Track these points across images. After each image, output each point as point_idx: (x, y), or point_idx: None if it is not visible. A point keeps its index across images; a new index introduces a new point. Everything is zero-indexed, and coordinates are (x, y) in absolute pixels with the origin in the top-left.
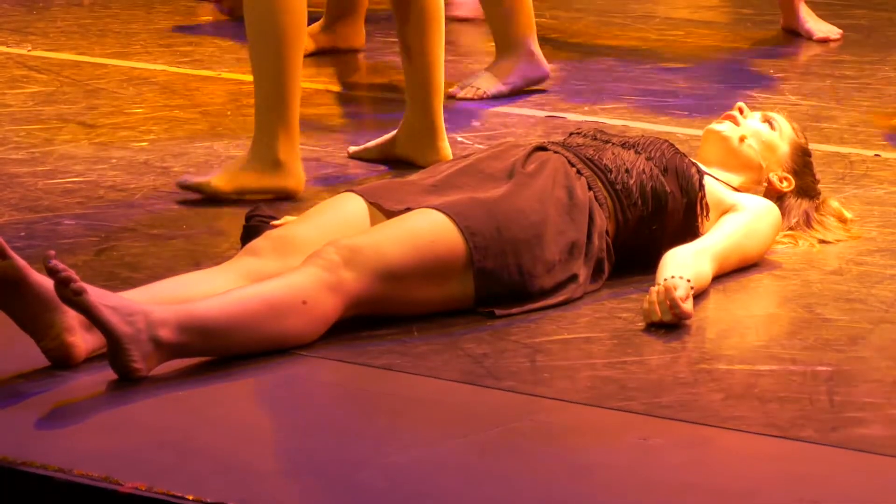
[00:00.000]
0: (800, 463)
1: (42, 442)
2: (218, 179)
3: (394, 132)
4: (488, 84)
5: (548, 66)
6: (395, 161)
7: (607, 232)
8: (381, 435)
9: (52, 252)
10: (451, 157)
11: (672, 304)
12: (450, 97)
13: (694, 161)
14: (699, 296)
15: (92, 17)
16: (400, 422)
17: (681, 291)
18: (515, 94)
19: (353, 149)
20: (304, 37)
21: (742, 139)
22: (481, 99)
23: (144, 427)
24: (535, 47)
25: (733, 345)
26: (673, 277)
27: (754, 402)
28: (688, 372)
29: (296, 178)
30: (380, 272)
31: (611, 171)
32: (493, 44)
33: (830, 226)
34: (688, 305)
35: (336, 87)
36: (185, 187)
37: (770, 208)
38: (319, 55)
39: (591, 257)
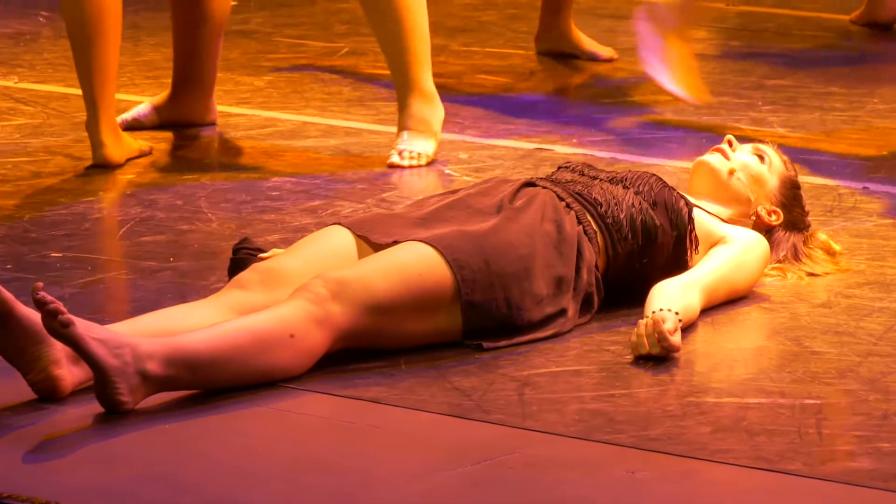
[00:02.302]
0: (788, 496)
1: (28, 475)
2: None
3: (161, 96)
4: (424, 146)
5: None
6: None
7: (597, 266)
8: (370, 468)
9: (40, 284)
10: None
11: (660, 337)
12: (392, 167)
13: (683, 194)
14: (687, 328)
15: None
16: (388, 455)
17: (669, 324)
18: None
19: (123, 117)
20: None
21: (731, 172)
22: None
23: (131, 461)
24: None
25: (722, 377)
26: (661, 310)
27: (743, 434)
28: (676, 405)
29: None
30: (367, 305)
31: (601, 205)
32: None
33: (819, 258)
34: (676, 338)
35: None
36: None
37: (758, 241)
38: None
39: (580, 291)
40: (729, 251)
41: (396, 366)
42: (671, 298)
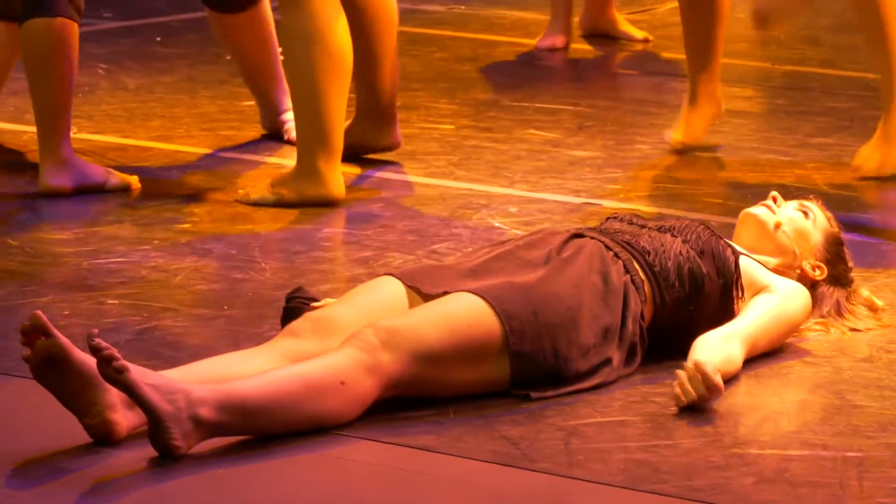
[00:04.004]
0: None
1: None
2: (260, 190)
3: (348, 122)
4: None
5: None
6: (349, 147)
7: (642, 316)
8: None
9: (96, 331)
10: (401, 142)
11: (704, 378)
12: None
13: (729, 243)
14: (730, 380)
15: (137, 102)
16: (436, 502)
17: (709, 367)
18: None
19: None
20: (346, 65)
21: (777, 226)
22: None
23: None
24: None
25: (765, 430)
26: (700, 360)
27: (785, 486)
28: (720, 456)
29: (336, 187)
30: (417, 354)
31: (648, 254)
32: None
33: (861, 314)
34: (718, 379)
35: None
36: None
37: (801, 291)
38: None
39: (625, 341)
40: (771, 301)
41: (445, 414)
42: (713, 350)
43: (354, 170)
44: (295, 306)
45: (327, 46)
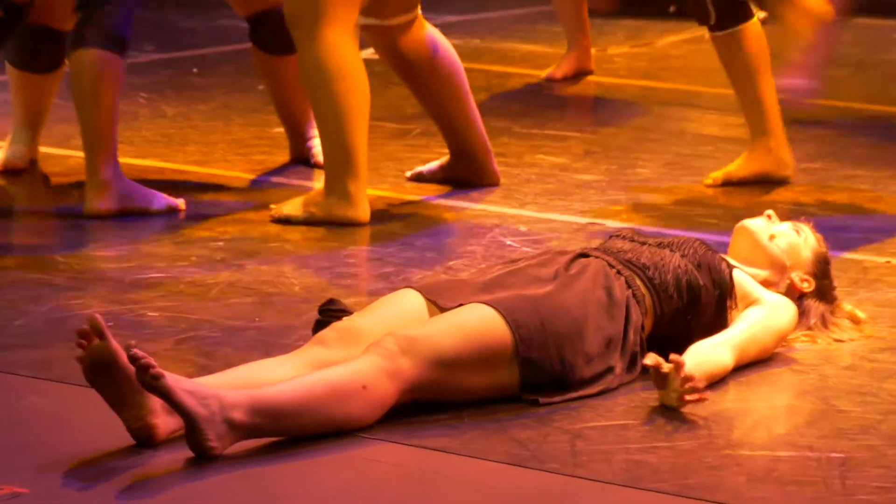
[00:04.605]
0: None
1: None
2: (291, 208)
3: (446, 157)
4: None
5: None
6: (454, 181)
7: (642, 327)
8: None
9: (133, 342)
10: (499, 177)
11: (682, 383)
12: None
13: (724, 256)
14: (722, 387)
15: (175, 128)
16: (452, 500)
17: (686, 367)
18: None
19: (410, 173)
20: (363, 93)
21: (771, 237)
22: None
23: (216, 501)
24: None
25: (755, 433)
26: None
27: (774, 484)
28: (714, 457)
29: (362, 208)
30: (433, 360)
31: (648, 269)
32: None
33: (845, 326)
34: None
35: (409, 196)
36: (276, 221)
37: (788, 305)
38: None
39: (627, 351)
40: (761, 312)
41: (460, 418)
42: (703, 355)
43: (375, 192)
44: (327, 319)
45: (345, 78)
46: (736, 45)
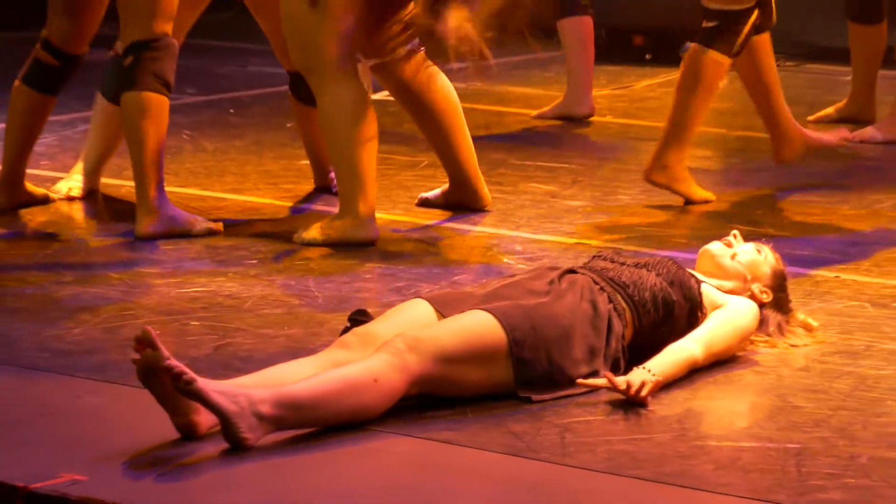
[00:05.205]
0: None
1: (166, 493)
2: (312, 232)
3: (446, 185)
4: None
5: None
6: (454, 205)
7: (623, 336)
8: (444, 497)
9: (167, 354)
10: (490, 200)
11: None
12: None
13: (693, 273)
14: (692, 385)
15: (214, 161)
16: (456, 486)
17: (635, 385)
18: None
19: (420, 197)
20: (371, 132)
21: (733, 256)
22: None
23: (248, 486)
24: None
25: (722, 426)
26: (642, 369)
27: (739, 472)
28: (685, 447)
29: (373, 230)
30: (437, 356)
31: (629, 286)
32: None
33: (799, 333)
34: (644, 392)
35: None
36: (300, 242)
37: (750, 304)
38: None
39: (609, 357)
40: (725, 313)
41: (463, 414)
42: (669, 354)
43: (389, 216)
44: (351, 325)
45: (356, 120)
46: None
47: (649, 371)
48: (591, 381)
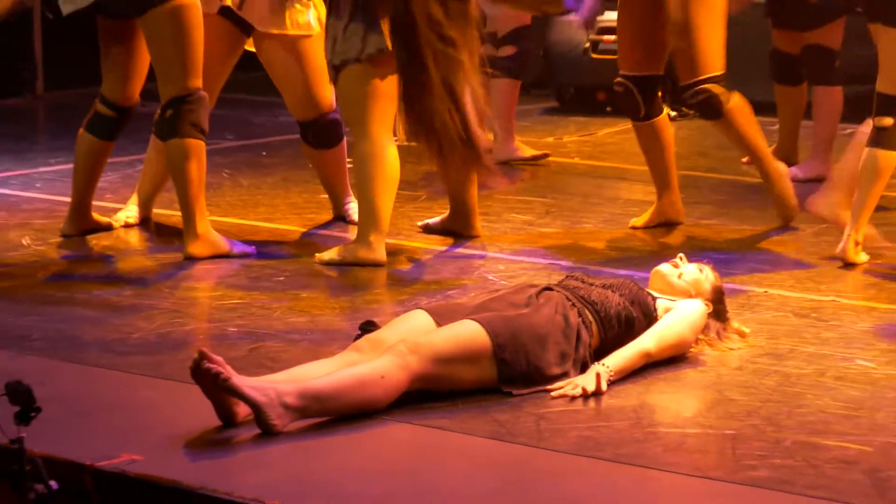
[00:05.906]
0: (713, 496)
1: (208, 469)
2: (330, 254)
3: (446, 214)
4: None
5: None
6: (451, 232)
7: (590, 345)
8: (440, 474)
9: (205, 360)
10: (481, 230)
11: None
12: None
13: (650, 291)
14: (646, 382)
15: (248, 195)
16: (449, 464)
17: (590, 385)
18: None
19: (420, 224)
20: (394, 175)
21: (680, 275)
22: None
23: (277, 465)
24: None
25: (671, 415)
26: (600, 364)
27: (684, 453)
28: (640, 433)
29: (381, 254)
30: (433, 358)
31: (596, 304)
32: None
33: (734, 338)
34: (590, 386)
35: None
36: (321, 263)
37: (698, 303)
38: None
39: (577, 361)
40: (675, 312)
41: (455, 405)
42: (624, 350)
43: (394, 241)
44: (363, 333)
45: (382, 164)
46: (653, 131)
47: (605, 366)
48: (562, 391)
